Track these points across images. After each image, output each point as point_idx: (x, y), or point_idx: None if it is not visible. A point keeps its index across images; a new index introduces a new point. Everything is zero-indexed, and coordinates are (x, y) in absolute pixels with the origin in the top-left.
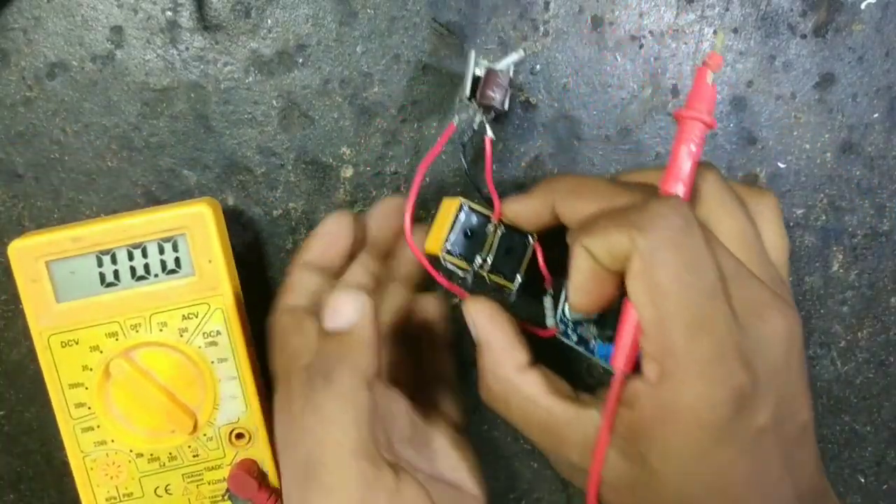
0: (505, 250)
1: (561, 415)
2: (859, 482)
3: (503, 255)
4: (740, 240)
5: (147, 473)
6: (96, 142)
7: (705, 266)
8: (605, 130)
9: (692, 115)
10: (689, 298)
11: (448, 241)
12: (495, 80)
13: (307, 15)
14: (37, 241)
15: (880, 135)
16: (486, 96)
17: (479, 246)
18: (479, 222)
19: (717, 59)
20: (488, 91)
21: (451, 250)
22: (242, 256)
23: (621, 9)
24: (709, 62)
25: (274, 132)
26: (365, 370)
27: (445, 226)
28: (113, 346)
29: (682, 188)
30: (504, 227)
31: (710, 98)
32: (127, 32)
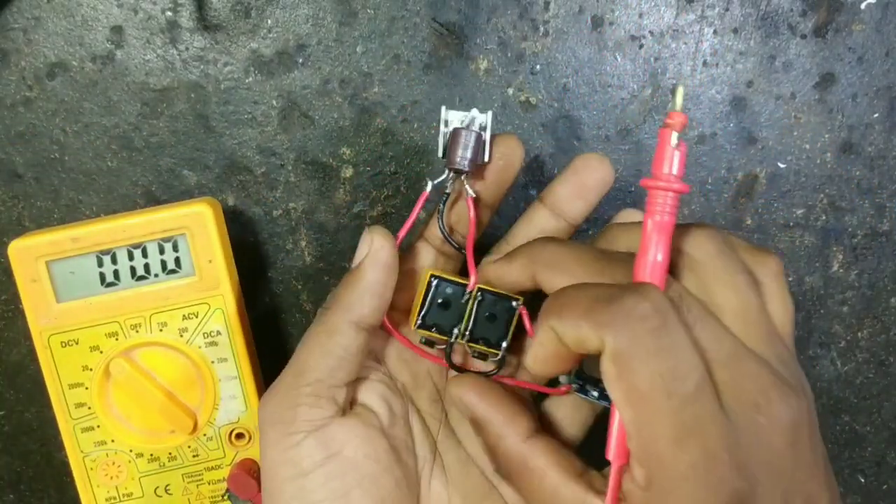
0: (487, 317)
1: (568, 498)
2: (859, 482)
3: (485, 322)
4: (741, 315)
5: (147, 473)
6: (96, 142)
7: (686, 367)
8: (605, 130)
9: (660, 186)
10: (670, 405)
11: (420, 314)
12: (460, 140)
13: (307, 15)
14: (37, 241)
15: (880, 135)
16: (452, 160)
17: (457, 316)
18: (455, 292)
19: (678, 118)
20: (453, 155)
21: (425, 324)
22: (242, 256)
23: (621, 9)
24: (669, 122)
25: (274, 132)
26: (352, 311)
27: (419, 301)
28: (113, 346)
29: (658, 268)
30: (483, 294)
31: (677, 161)
32: (127, 32)
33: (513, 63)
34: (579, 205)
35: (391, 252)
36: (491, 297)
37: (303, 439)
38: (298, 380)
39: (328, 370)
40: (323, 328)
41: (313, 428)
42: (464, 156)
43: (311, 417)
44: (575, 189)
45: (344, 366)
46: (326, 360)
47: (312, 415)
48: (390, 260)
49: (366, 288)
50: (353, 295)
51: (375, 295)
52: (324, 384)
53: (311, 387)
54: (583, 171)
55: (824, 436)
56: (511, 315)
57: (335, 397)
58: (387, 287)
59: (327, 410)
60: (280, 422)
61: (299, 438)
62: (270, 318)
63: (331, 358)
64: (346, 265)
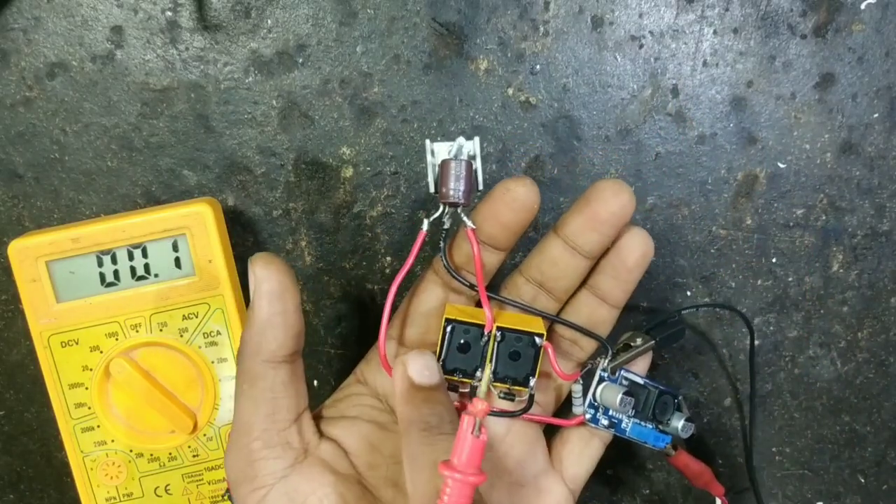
0: (510, 355)
1: None
2: (859, 482)
3: (509, 360)
4: None
5: (147, 473)
6: (96, 142)
7: None
8: (605, 130)
9: (456, 478)
10: None
11: (440, 360)
12: (451, 172)
13: (307, 15)
14: (37, 240)
15: (880, 135)
16: (443, 194)
17: (478, 357)
18: (472, 333)
19: (480, 406)
20: (444, 188)
21: (446, 369)
22: (242, 256)
23: (621, 9)
24: (471, 409)
25: (274, 132)
26: (261, 351)
27: (438, 343)
28: (113, 346)
29: None
30: (502, 333)
31: (475, 452)
32: (127, 32)
33: (513, 63)
34: (594, 237)
35: (278, 277)
36: (512, 335)
37: (267, 493)
38: (246, 437)
39: (267, 418)
40: (243, 378)
41: (275, 480)
42: (457, 188)
43: (270, 471)
44: (587, 221)
45: (280, 405)
46: (260, 409)
47: (271, 467)
48: (279, 287)
49: (264, 323)
50: (255, 334)
51: (277, 326)
52: (270, 432)
53: (260, 440)
54: (595, 201)
55: (824, 436)
56: (536, 352)
57: (288, 441)
58: (287, 313)
59: (285, 459)
60: (244, 480)
61: (264, 493)
62: None
63: (263, 405)
64: (346, 265)
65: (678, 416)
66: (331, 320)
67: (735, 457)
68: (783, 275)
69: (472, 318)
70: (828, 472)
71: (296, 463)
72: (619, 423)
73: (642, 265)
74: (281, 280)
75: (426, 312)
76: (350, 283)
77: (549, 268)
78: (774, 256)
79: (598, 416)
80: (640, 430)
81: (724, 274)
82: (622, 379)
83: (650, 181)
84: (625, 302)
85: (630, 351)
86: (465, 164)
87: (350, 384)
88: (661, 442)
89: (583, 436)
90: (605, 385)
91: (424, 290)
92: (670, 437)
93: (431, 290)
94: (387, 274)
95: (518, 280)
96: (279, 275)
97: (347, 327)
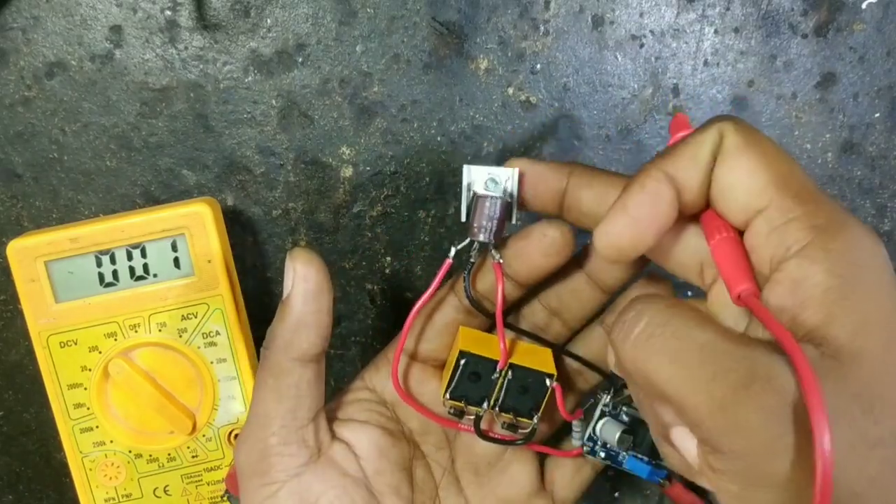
0: (519, 390)
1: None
2: None
3: (516, 394)
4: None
5: (146, 474)
6: (95, 141)
7: None
8: (606, 130)
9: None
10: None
11: (449, 387)
12: (484, 211)
13: (307, 14)
14: (36, 240)
15: (881, 135)
16: (473, 231)
17: (487, 387)
18: (486, 367)
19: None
20: (475, 225)
21: (454, 395)
22: (242, 256)
23: (622, 8)
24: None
25: (273, 132)
26: (292, 348)
27: (449, 369)
28: (112, 347)
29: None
30: (514, 370)
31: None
32: (126, 32)
33: (513, 62)
34: (618, 274)
35: (317, 277)
36: (522, 372)
37: (278, 490)
38: (264, 430)
39: (288, 413)
40: (269, 372)
41: (288, 477)
42: (488, 227)
43: (284, 467)
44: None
45: (302, 404)
46: (283, 404)
47: (286, 464)
48: (317, 287)
49: (299, 321)
50: (288, 331)
51: (310, 326)
52: (289, 429)
53: (277, 435)
54: None
55: None
56: (543, 389)
57: (304, 439)
58: (321, 313)
59: (300, 457)
60: (255, 473)
61: (275, 489)
62: (270, 318)
63: (286, 400)
64: (346, 265)
65: None
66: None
67: None
68: None
69: (486, 350)
70: None
71: (310, 462)
72: (616, 455)
73: None
74: (319, 280)
75: (441, 330)
76: (350, 283)
77: (570, 298)
78: None
79: (595, 449)
80: (636, 465)
81: None
82: (623, 415)
83: None
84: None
85: None
86: (501, 203)
87: (358, 388)
88: (656, 476)
89: (577, 461)
90: (606, 420)
91: (441, 309)
92: (665, 472)
93: (449, 310)
94: (386, 274)
95: (535, 305)
96: (318, 274)
97: (347, 327)
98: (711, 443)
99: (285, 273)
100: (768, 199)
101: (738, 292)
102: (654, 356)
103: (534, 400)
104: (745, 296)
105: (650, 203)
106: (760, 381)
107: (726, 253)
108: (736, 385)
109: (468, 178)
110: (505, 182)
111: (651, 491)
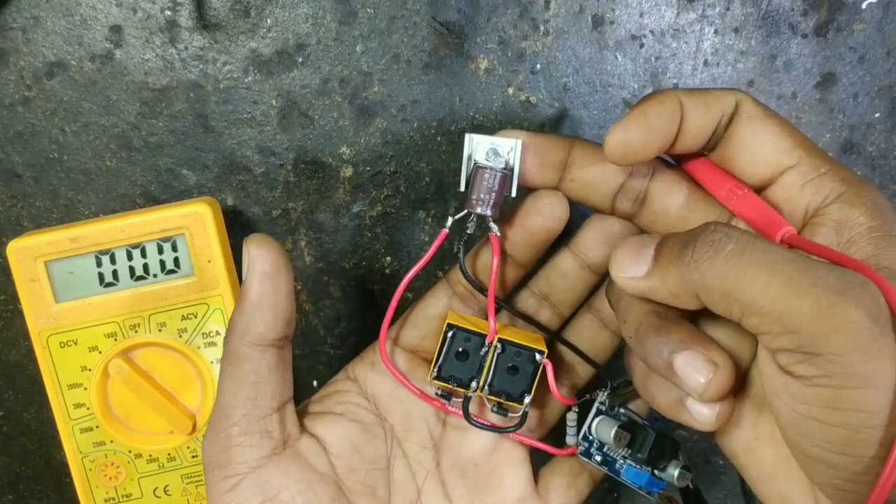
0: (508, 369)
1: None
2: None
3: (506, 374)
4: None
5: (146, 474)
6: (95, 141)
7: None
8: (606, 130)
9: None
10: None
11: (436, 365)
12: (483, 182)
13: (307, 14)
14: (36, 240)
15: (881, 135)
16: (470, 202)
17: (476, 367)
18: (473, 342)
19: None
20: (472, 196)
21: (442, 376)
22: (241, 256)
23: (622, 8)
24: None
25: (273, 132)
26: (248, 332)
27: (437, 347)
28: (112, 347)
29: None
30: (503, 345)
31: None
32: (126, 32)
33: (513, 62)
34: (606, 251)
35: (271, 258)
36: (512, 349)
37: (239, 482)
38: (225, 420)
39: (248, 402)
40: (227, 359)
41: (249, 469)
42: (486, 199)
43: (245, 459)
44: (601, 235)
45: (263, 391)
46: (243, 392)
47: (247, 455)
48: (271, 268)
49: (255, 305)
50: (244, 315)
51: (267, 309)
52: (251, 418)
53: (239, 426)
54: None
55: None
56: (534, 368)
57: (267, 429)
58: (279, 296)
59: (262, 449)
60: (218, 465)
61: (236, 481)
62: None
63: (246, 387)
64: (346, 265)
65: (675, 463)
66: (330, 320)
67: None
68: None
69: (475, 327)
70: None
71: (273, 454)
72: (613, 462)
73: None
74: (274, 262)
75: (429, 317)
76: (350, 283)
77: (558, 280)
78: None
79: (591, 451)
80: (634, 473)
81: None
82: (621, 416)
83: None
84: None
85: (632, 387)
86: (500, 176)
87: (339, 380)
88: (654, 488)
89: (573, 468)
90: (602, 419)
91: (432, 297)
92: (665, 484)
93: (440, 298)
94: (386, 274)
95: (522, 293)
96: (273, 256)
97: (347, 327)
98: (809, 347)
99: (242, 259)
100: (797, 157)
101: (782, 235)
102: (750, 269)
103: (524, 381)
104: (789, 236)
105: (667, 117)
106: (857, 286)
107: (753, 205)
108: (837, 289)
109: (470, 149)
110: (507, 154)
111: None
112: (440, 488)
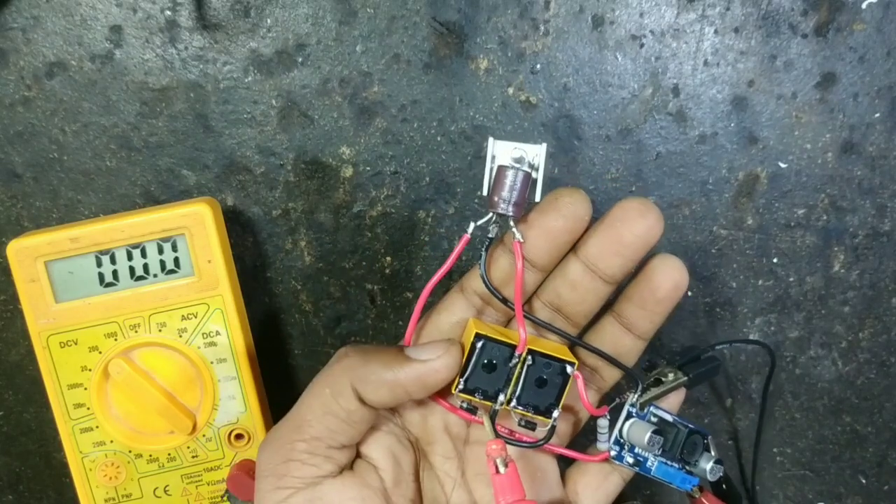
0: (536, 382)
1: None
2: (860, 483)
3: (534, 387)
4: None
5: (146, 474)
6: (95, 141)
7: None
8: (606, 130)
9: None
10: None
11: (463, 377)
12: (506, 181)
13: (307, 14)
14: (35, 240)
15: (881, 135)
16: (492, 202)
17: (503, 380)
18: (502, 353)
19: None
20: (495, 196)
21: (468, 388)
22: (242, 256)
23: (622, 8)
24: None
25: (273, 132)
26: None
27: (464, 358)
28: (112, 347)
29: None
30: (533, 356)
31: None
32: (126, 32)
33: (513, 62)
34: (616, 261)
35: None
36: (542, 360)
37: (291, 496)
38: (294, 434)
39: (327, 431)
40: (331, 388)
41: (304, 485)
42: (508, 198)
43: (302, 474)
44: (610, 244)
45: (345, 430)
46: (327, 420)
47: (304, 472)
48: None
49: (395, 381)
50: (398, 375)
51: (394, 389)
52: (321, 443)
53: (307, 443)
54: (619, 223)
55: (825, 436)
56: (563, 381)
57: (332, 457)
58: (406, 391)
59: (321, 469)
60: (272, 474)
61: (287, 494)
62: (270, 318)
63: (332, 419)
64: (346, 265)
65: (707, 457)
66: (331, 320)
67: (732, 458)
68: (784, 275)
69: (504, 337)
70: (829, 473)
71: (330, 475)
72: (644, 461)
73: (674, 297)
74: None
75: (446, 331)
76: (350, 283)
77: (568, 292)
78: (775, 256)
79: (623, 454)
80: (665, 471)
81: (725, 274)
82: (651, 415)
83: (651, 181)
84: (652, 333)
85: (661, 386)
86: (523, 175)
87: None
88: (687, 484)
89: (603, 469)
90: (634, 421)
91: (447, 309)
92: (697, 479)
93: (455, 309)
94: (386, 274)
95: (534, 304)
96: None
97: (347, 327)
98: None
99: (433, 345)
100: None
101: None
102: None
103: (553, 394)
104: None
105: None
106: None
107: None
108: None
109: (493, 151)
110: (532, 158)
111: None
112: (468, 496)
